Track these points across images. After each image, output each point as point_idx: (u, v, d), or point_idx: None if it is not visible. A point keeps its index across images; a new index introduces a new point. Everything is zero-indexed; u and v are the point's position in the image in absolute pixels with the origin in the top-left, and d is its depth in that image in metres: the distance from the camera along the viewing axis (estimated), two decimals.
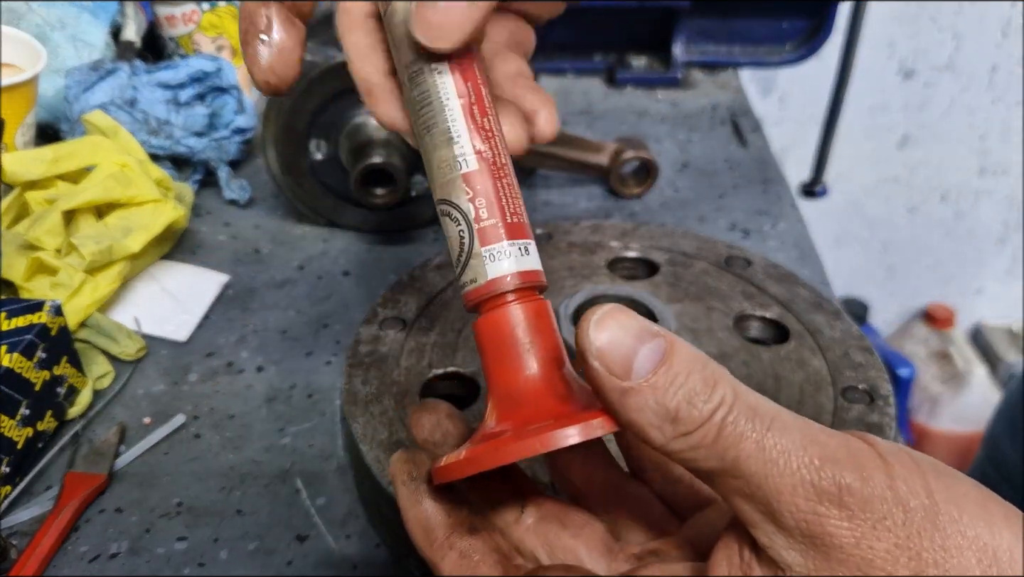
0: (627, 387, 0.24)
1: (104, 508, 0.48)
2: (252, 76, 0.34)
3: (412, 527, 0.31)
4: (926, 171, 1.71)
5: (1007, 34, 1.55)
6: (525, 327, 0.28)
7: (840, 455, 0.23)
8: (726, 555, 0.25)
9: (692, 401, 0.24)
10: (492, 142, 0.30)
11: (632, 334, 0.24)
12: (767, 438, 0.23)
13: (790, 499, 0.23)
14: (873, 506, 0.23)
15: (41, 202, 0.63)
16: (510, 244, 0.29)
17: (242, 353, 0.59)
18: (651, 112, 0.93)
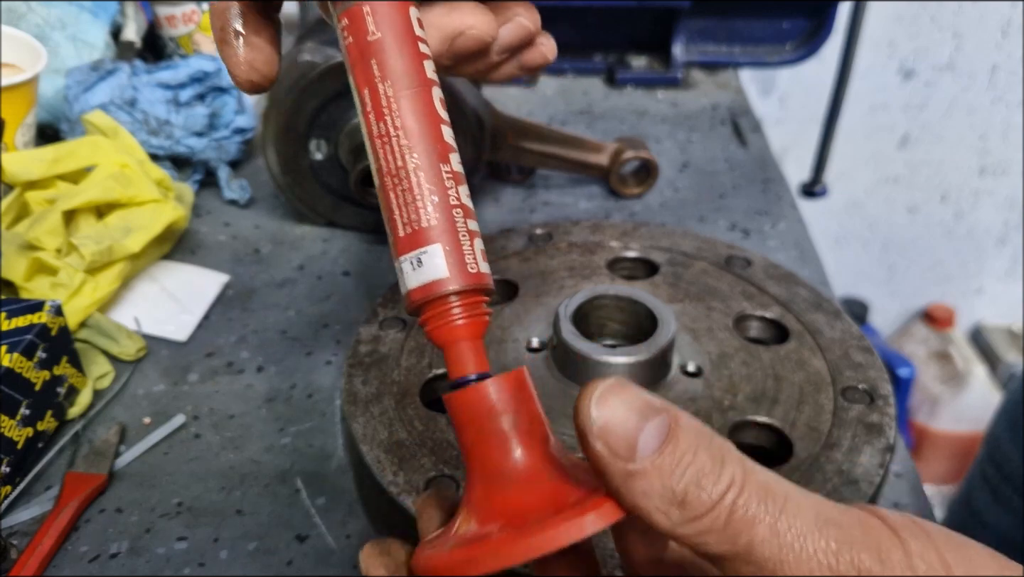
0: (633, 470, 0.23)
1: (104, 508, 0.48)
2: (232, 76, 0.33)
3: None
4: (926, 171, 1.71)
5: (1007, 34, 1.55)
6: (505, 402, 0.27)
7: (855, 535, 0.22)
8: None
9: (700, 483, 0.23)
10: (385, 148, 0.29)
11: (635, 411, 0.23)
12: (781, 521, 0.22)
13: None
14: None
15: (41, 202, 0.63)
16: (403, 259, 0.28)
17: (242, 353, 0.59)
18: (651, 112, 0.93)
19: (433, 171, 0.29)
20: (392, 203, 0.28)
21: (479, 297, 0.29)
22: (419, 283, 0.28)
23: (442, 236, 0.28)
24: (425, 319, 0.28)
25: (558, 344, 0.49)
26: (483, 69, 0.38)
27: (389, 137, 0.29)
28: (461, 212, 0.29)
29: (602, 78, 1.00)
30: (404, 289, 0.28)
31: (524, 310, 0.55)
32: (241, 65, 0.33)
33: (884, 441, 0.45)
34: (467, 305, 0.28)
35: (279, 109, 0.66)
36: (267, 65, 0.33)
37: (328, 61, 0.64)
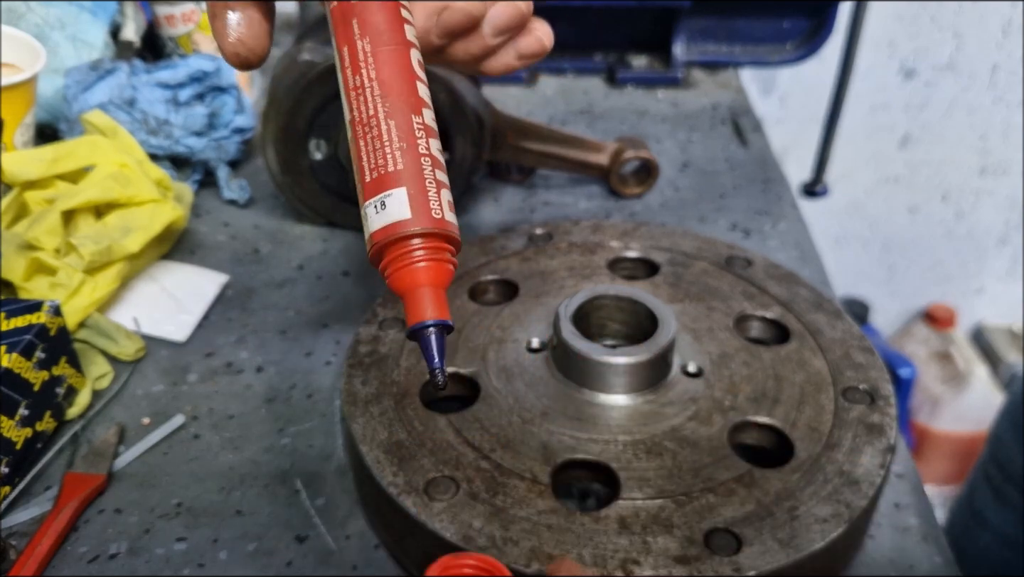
0: None
1: (103, 508, 0.48)
2: (221, 50, 0.33)
3: None
4: (927, 171, 1.71)
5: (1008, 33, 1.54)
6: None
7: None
8: None
9: None
10: (359, 99, 0.29)
11: None
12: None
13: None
14: None
15: (40, 202, 0.63)
16: (368, 204, 0.28)
17: (241, 353, 0.59)
18: (651, 112, 0.93)
19: (404, 120, 0.29)
20: (361, 151, 0.28)
21: (443, 244, 0.28)
22: (381, 225, 0.28)
23: (408, 180, 0.28)
24: (385, 264, 0.28)
25: (558, 344, 0.49)
26: (478, 53, 0.38)
27: (363, 88, 0.29)
28: (430, 161, 0.28)
29: (602, 78, 1.00)
30: (367, 235, 0.28)
31: (524, 310, 0.55)
32: (230, 39, 0.33)
33: (885, 441, 0.45)
34: (430, 249, 0.28)
35: (279, 109, 0.66)
36: (257, 41, 0.33)
37: (328, 61, 0.64)
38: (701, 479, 0.43)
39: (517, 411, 0.47)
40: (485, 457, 0.44)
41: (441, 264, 0.28)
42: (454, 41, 0.37)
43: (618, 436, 0.45)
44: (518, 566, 0.39)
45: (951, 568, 0.45)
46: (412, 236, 0.27)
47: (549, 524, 0.41)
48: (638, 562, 0.39)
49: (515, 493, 0.42)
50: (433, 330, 0.27)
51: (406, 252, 0.27)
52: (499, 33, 0.38)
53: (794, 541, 0.40)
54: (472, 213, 0.75)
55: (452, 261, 0.28)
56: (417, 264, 0.27)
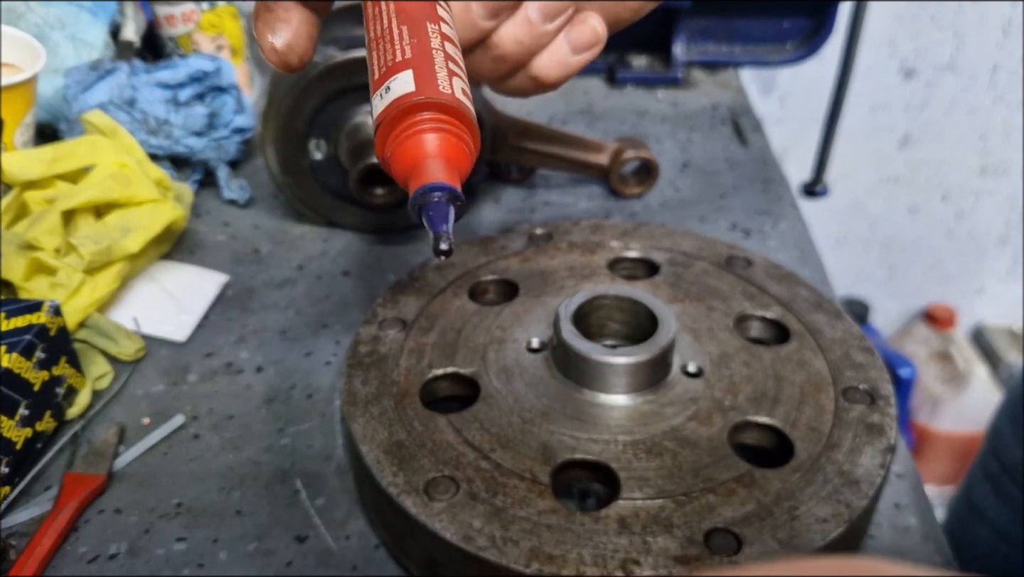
0: None
1: (103, 509, 0.48)
2: (262, 49, 0.33)
3: None
4: (927, 171, 1.71)
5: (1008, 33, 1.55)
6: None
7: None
8: None
9: None
10: (377, 21, 0.28)
11: None
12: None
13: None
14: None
15: (40, 202, 0.63)
16: (374, 96, 0.26)
17: (241, 353, 0.59)
18: (651, 112, 0.93)
19: (418, 24, 0.27)
20: (373, 60, 0.27)
21: (453, 119, 0.25)
22: (384, 105, 0.25)
23: (415, 64, 0.26)
24: (387, 145, 0.25)
25: (558, 344, 0.49)
26: (529, 42, 0.37)
27: (380, 14, 0.28)
28: (442, 55, 0.26)
29: (602, 78, 1.00)
30: (373, 122, 0.25)
31: (524, 310, 0.55)
32: (276, 42, 0.32)
33: (885, 441, 0.45)
34: (438, 121, 0.25)
35: (279, 109, 0.66)
36: (302, 44, 0.33)
37: (328, 61, 0.64)
38: (701, 479, 0.43)
39: (517, 411, 0.47)
40: (485, 457, 0.44)
41: (450, 136, 0.25)
42: (501, 22, 0.35)
43: (618, 436, 0.45)
44: (518, 566, 0.39)
45: (951, 568, 0.45)
46: (417, 106, 0.24)
47: (549, 524, 0.41)
48: (638, 562, 0.39)
49: (515, 493, 0.42)
50: (439, 195, 0.23)
51: (410, 124, 0.24)
52: (548, 17, 0.36)
53: (794, 541, 0.40)
54: (472, 213, 0.75)
55: (465, 140, 0.25)
56: (423, 134, 0.24)
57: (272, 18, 0.33)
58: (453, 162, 0.24)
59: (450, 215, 0.24)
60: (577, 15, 0.38)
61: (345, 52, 0.64)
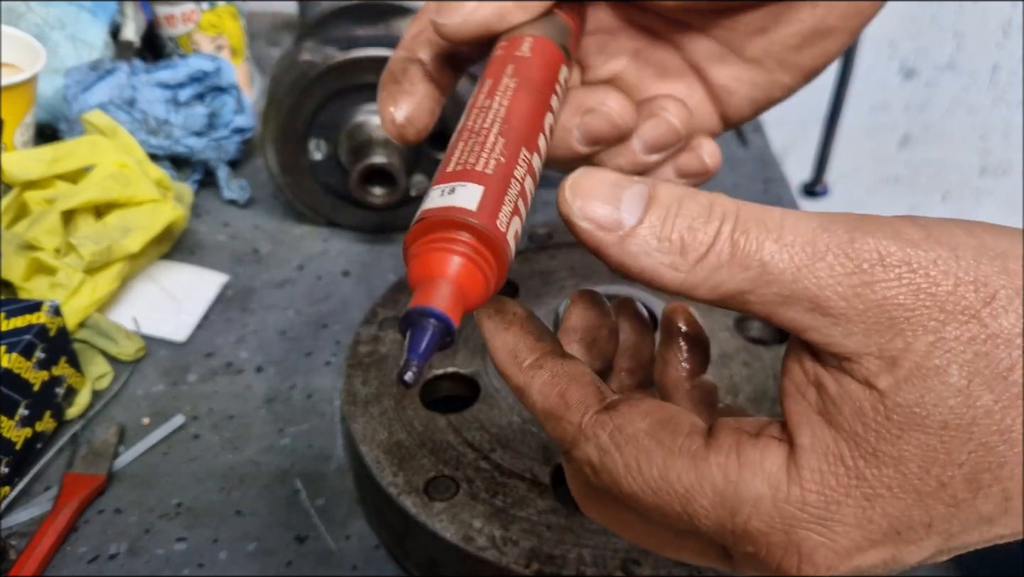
0: (623, 234, 0.23)
1: (103, 509, 0.48)
2: (383, 120, 0.32)
3: (498, 354, 0.28)
4: (927, 171, 1.71)
5: (1008, 33, 1.55)
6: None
7: (864, 222, 0.22)
8: (793, 383, 0.24)
9: (693, 226, 0.23)
10: (480, 115, 0.28)
11: (610, 184, 0.24)
12: (784, 234, 0.22)
13: (831, 280, 0.21)
14: (919, 255, 0.22)
15: (40, 202, 0.63)
16: (436, 188, 0.25)
17: (241, 353, 0.59)
18: None
19: (513, 145, 0.26)
20: (455, 150, 0.26)
21: (491, 259, 0.25)
22: (439, 204, 0.24)
23: (490, 185, 0.25)
24: (419, 243, 0.24)
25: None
26: (628, 167, 0.35)
27: (488, 109, 0.27)
28: (518, 188, 0.26)
29: None
30: (418, 213, 0.25)
31: None
32: (391, 116, 0.32)
33: None
34: (476, 252, 0.24)
35: (279, 109, 0.66)
36: (421, 122, 0.33)
37: (328, 61, 0.64)
38: None
39: (517, 411, 0.47)
40: (485, 457, 0.44)
41: (478, 271, 0.24)
42: (599, 151, 0.35)
43: None
44: (518, 566, 0.39)
45: (951, 568, 0.45)
46: (465, 227, 0.24)
47: (549, 524, 0.41)
48: (638, 562, 0.39)
49: (515, 493, 0.42)
50: (433, 323, 0.22)
51: (448, 237, 0.24)
52: (651, 150, 0.35)
53: None
54: None
55: (489, 281, 0.25)
56: (453, 255, 0.24)
57: (397, 90, 0.32)
58: (465, 296, 0.24)
59: (431, 347, 0.22)
60: (691, 141, 0.36)
61: (345, 52, 0.64)
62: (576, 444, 0.25)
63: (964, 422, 0.21)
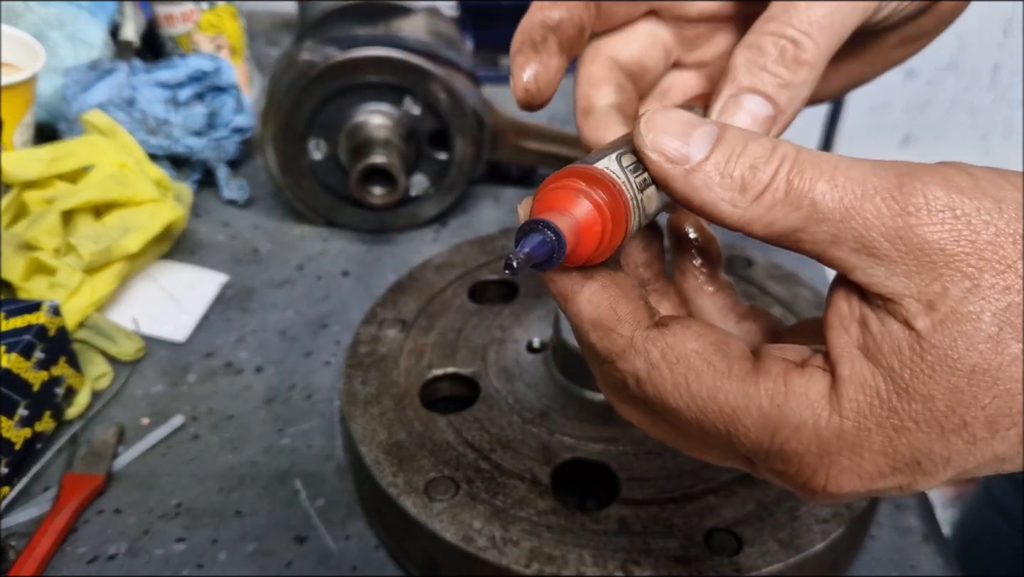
0: (689, 168, 0.25)
1: (102, 509, 0.48)
2: (515, 84, 0.34)
3: None
4: None
5: (1009, 33, 1.55)
6: None
7: (914, 168, 0.23)
8: (838, 317, 0.25)
9: (755, 165, 0.24)
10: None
11: (682, 122, 0.25)
12: (837, 175, 0.23)
13: (877, 221, 0.23)
14: (963, 202, 0.23)
15: (39, 202, 0.63)
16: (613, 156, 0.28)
17: (241, 353, 0.59)
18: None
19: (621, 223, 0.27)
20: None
21: (617, 227, 0.26)
22: (603, 166, 0.26)
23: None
24: (562, 180, 0.26)
25: (558, 344, 0.49)
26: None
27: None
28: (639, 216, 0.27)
29: None
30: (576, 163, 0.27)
31: (524, 310, 0.54)
32: (527, 78, 0.33)
33: None
34: (613, 210, 0.25)
35: (278, 109, 0.65)
36: (549, 87, 0.34)
37: (327, 60, 0.64)
38: (701, 479, 0.43)
39: (517, 411, 0.47)
40: (485, 457, 0.44)
41: (598, 226, 0.25)
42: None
43: (618, 436, 0.45)
44: (518, 567, 0.39)
45: (952, 568, 0.45)
46: (619, 196, 0.26)
47: (549, 524, 0.41)
48: (638, 562, 0.39)
49: (515, 493, 0.42)
50: (550, 235, 0.24)
51: (591, 190, 0.25)
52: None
53: (795, 541, 0.40)
54: (472, 213, 0.75)
55: (602, 246, 0.26)
56: (586, 199, 0.25)
57: (535, 59, 0.33)
58: (580, 235, 0.25)
59: (539, 250, 0.24)
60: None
61: (345, 52, 0.64)
62: (624, 356, 0.27)
63: (991, 367, 0.22)
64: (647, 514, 0.41)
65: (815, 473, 0.25)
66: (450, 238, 0.71)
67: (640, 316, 0.27)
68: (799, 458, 0.25)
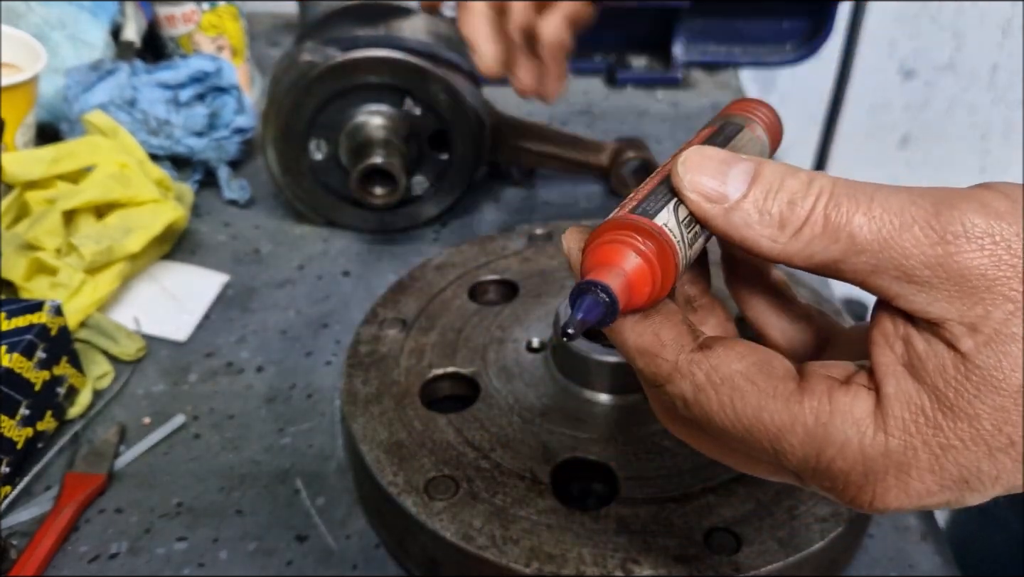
0: (728, 207, 0.25)
1: (104, 508, 0.48)
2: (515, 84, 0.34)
3: None
4: (927, 171, 1.71)
5: (1008, 33, 1.55)
6: None
7: (951, 195, 0.23)
8: (882, 335, 0.25)
9: (793, 201, 0.25)
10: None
11: (719, 161, 0.26)
12: (874, 207, 0.24)
13: (916, 251, 0.23)
14: (1002, 228, 0.23)
15: (41, 202, 0.63)
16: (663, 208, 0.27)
17: (242, 353, 0.59)
18: (651, 112, 0.93)
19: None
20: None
21: (667, 278, 0.26)
22: (655, 219, 0.26)
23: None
24: (614, 234, 0.26)
25: (558, 344, 0.49)
26: None
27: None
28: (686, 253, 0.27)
29: (602, 78, 1.00)
30: (619, 212, 0.27)
31: (524, 310, 0.55)
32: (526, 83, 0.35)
33: None
34: (662, 264, 0.26)
35: (279, 109, 0.66)
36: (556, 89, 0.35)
37: (328, 61, 0.64)
38: (700, 479, 0.43)
39: (517, 411, 0.47)
40: (485, 457, 0.44)
41: (654, 290, 0.26)
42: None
43: (618, 435, 0.46)
44: (518, 566, 0.39)
45: (950, 568, 0.45)
46: (668, 245, 0.26)
47: (549, 523, 0.41)
48: (638, 561, 0.39)
49: (515, 492, 0.42)
50: (604, 298, 0.25)
51: (636, 240, 0.25)
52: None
53: (793, 540, 0.40)
54: (472, 213, 0.75)
55: (652, 295, 0.26)
56: (636, 254, 0.25)
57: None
58: (632, 290, 0.26)
59: (594, 316, 0.25)
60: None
61: (346, 53, 0.64)
62: (671, 381, 0.27)
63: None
64: (646, 513, 0.41)
65: (861, 490, 0.25)
66: (450, 238, 0.71)
67: (684, 340, 0.27)
68: (845, 476, 0.25)
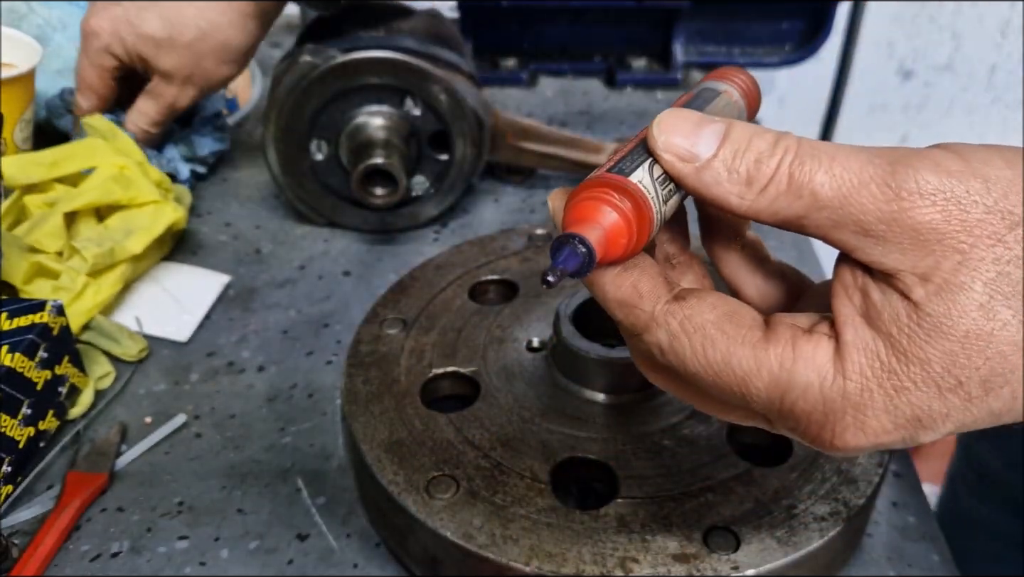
0: (699, 166, 0.27)
1: (105, 507, 0.48)
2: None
3: None
4: None
5: (1006, 34, 1.55)
6: None
7: (907, 155, 0.25)
8: (842, 287, 0.27)
9: (759, 159, 0.26)
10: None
11: (691, 123, 0.28)
12: (835, 165, 0.25)
13: (873, 207, 0.25)
14: (953, 185, 0.24)
15: (40, 205, 0.63)
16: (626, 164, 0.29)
17: (243, 353, 0.60)
18: (651, 113, 0.93)
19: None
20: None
21: (643, 232, 0.27)
22: (622, 173, 0.28)
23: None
24: (589, 191, 0.27)
25: (558, 344, 0.49)
26: None
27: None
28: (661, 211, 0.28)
29: (602, 79, 1.00)
30: (597, 170, 0.28)
31: (524, 310, 0.55)
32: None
33: None
34: (637, 217, 0.27)
35: (280, 110, 0.66)
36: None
37: (328, 62, 0.64)
38: (700, 478, 0.43)
39: (517, 410, 0.47)
40: (485, 456, 0.45)
41: (629, 242, 0.27)
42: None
43: (617, 435, 0.46)
44: (518, 564, 0.39)
45: (949, 567, 0.46)
46: (642, 201, 0.27)
47: (548, 522, 0.41)
48: (637, 560, 0.39)
49: (515, 491, 0.43)
50: (582, 248, 0.26)
51: (613, 197, 0.27)
52: None
53: (792, 539, 0.40)
54: (472, 213, 0.75)
55: (631, 244, 0.28)
56: (612, 209, 0.27)
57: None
58: (608, 243, 0.27)
59: (572, 265, 0.26)
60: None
61: (346, 54, 0.64)
62: (648, 330, 0.29)
63: (984, 332, 0.25)
64: (646, 512, 0.42)
65: (822, 429, 0.27)
66: (450, 238, 0.72)
67: (660, 292, 0.29)
68: (807, 417, 0.27)
